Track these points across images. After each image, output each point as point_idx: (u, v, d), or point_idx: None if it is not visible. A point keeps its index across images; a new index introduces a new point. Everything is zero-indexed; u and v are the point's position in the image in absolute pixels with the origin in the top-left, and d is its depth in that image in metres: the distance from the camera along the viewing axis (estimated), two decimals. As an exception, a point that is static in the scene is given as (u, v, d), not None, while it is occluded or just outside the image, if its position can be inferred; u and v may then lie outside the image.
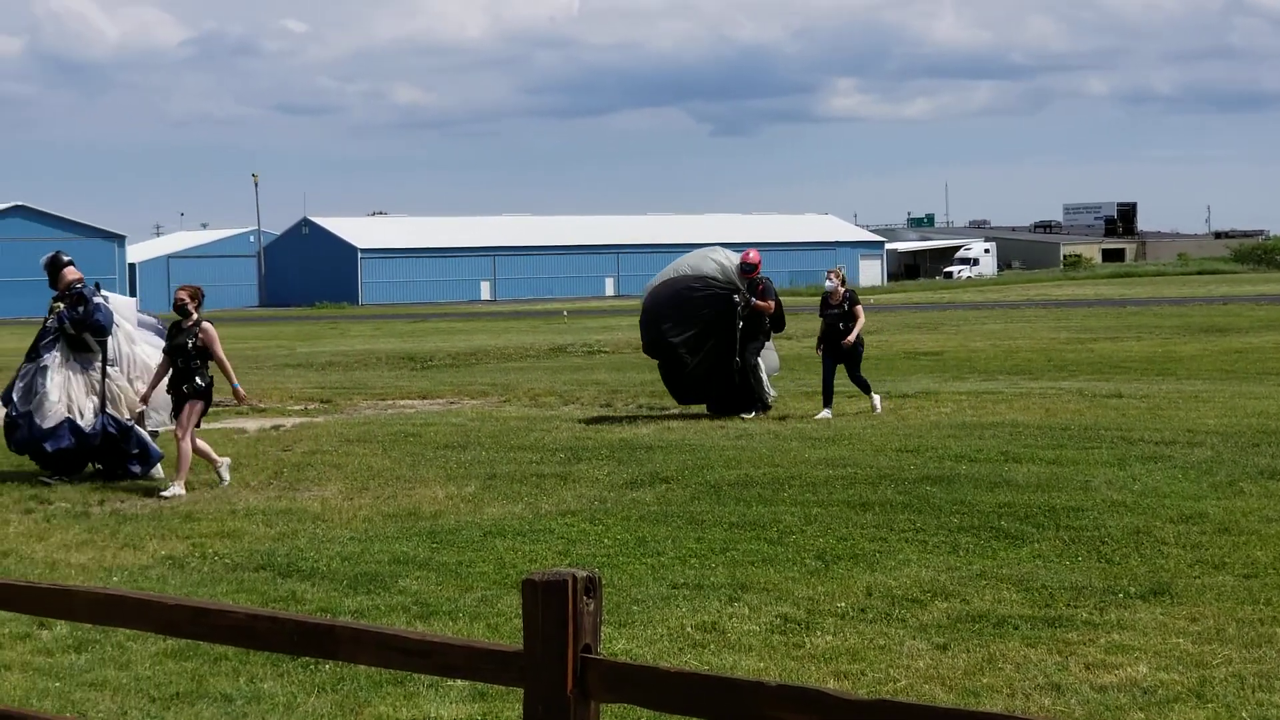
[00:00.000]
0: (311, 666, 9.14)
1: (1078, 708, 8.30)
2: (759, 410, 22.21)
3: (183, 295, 16.74)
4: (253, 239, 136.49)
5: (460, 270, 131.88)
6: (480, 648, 4.70)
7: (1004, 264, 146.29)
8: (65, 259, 17.73)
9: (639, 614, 10.45)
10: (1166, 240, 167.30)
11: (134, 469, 17.31)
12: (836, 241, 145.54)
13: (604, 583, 4.54)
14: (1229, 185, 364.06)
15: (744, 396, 22.35)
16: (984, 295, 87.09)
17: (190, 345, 16.45)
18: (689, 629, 10.07)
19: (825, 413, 21.84)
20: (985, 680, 8.81)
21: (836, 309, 22.49)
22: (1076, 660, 9.15)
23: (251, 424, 22.83)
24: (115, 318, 17.51)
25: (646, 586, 11.26)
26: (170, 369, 16.70)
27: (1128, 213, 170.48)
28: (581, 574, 4.41)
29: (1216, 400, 22.97)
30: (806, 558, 12.10)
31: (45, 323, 17.61)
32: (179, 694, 8.86)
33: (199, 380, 16.48)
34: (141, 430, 17.38)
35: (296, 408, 25.80)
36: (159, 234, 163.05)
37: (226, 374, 16.63)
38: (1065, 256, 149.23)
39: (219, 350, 16.56)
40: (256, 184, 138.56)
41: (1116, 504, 13.77)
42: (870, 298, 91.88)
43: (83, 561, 12.86)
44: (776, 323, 22.92)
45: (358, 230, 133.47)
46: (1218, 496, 14.21)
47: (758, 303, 22.32)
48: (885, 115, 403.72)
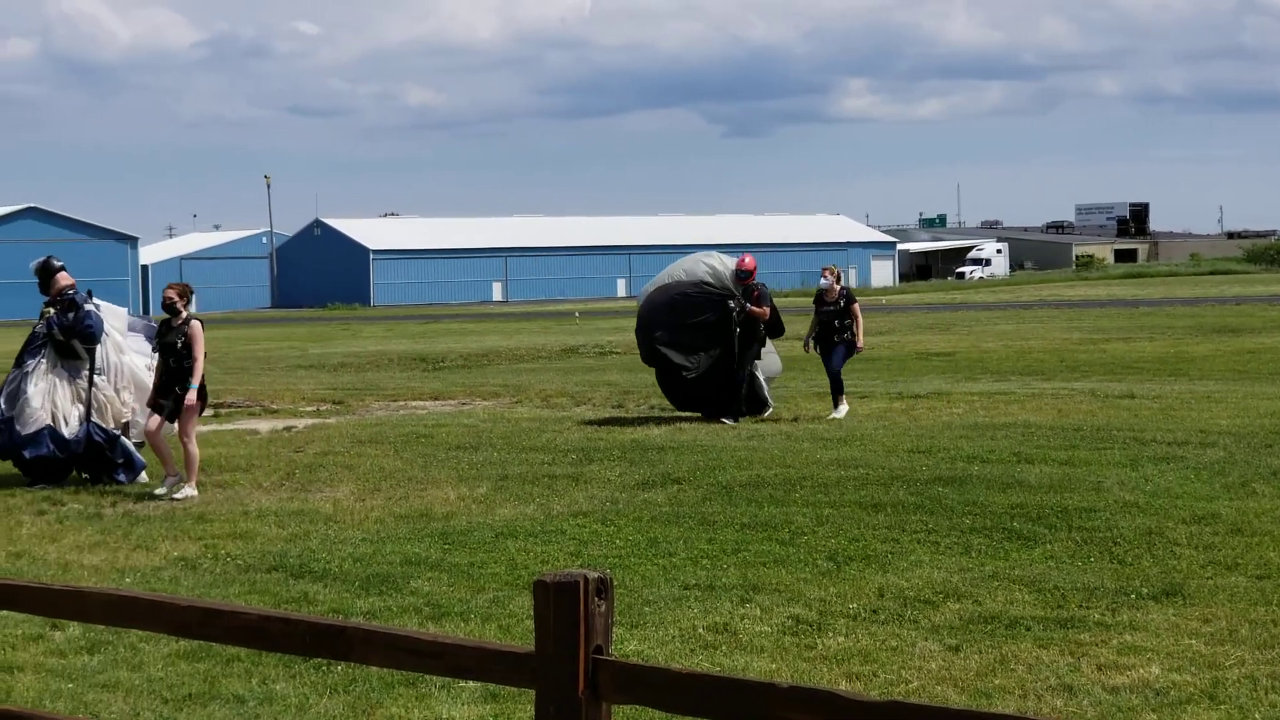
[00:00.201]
0: (324, 668, 9.15)
1: (1090, 709, 8.29)
2: (745, 416, 21.83)
3: (171, 294, 16.57)
4: (265, 240, 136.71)
5: (472, 271, 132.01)
6: (492, 649, 4.71)
7: (1016, 264, 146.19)
8: (57, 264, 17.47)
9: (651, 615, 10.45)
10: (1179, 240, 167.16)
11: (119, 478, 17.10)
12: (848, 242, 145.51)
13: (616, 584, 4.54)
14: (1241, 185, 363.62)
15: (733, 402, 21.97)
16: (996, 296, 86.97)
17: (179, 344, 16.31)
18: (701, 630, 10.07)
19: (838, 412, 21.82)
20: (997, 681, 8.80)
21: (831, 306, 22.33)
22: (1089, 661, 9.14)
23: (264, 425, 22.86)
24: (105, 326, 17.32)
25: (658, 587, 11.26)
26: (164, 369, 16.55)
27: (1140, 213, 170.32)
28: (593, 575, 4.41)
29: (1229, 401, 22.93)
30: (818, 559, 12.09)
31: (34, 328, 17.40)
32: (191, 695, 8.87)
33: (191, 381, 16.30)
34: (127, 440, 17.27)
35: (309, 409, 25.82)
36: (171, 235, 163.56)
37: (193, 371, 16.25)
38: (1077, 257, 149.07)
39: (198, 349, 16.34)
40: (269, 185, 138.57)
41: (1129, 505, 13.75)
42: (882, 298, 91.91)
43: (95, 563, 12.88)
44: (773, 329, 22.51)
45: (370, 231, 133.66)
46: (1230, 497, 14.18)
47: (752, 308, 21.98)
48: (896, 116, 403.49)
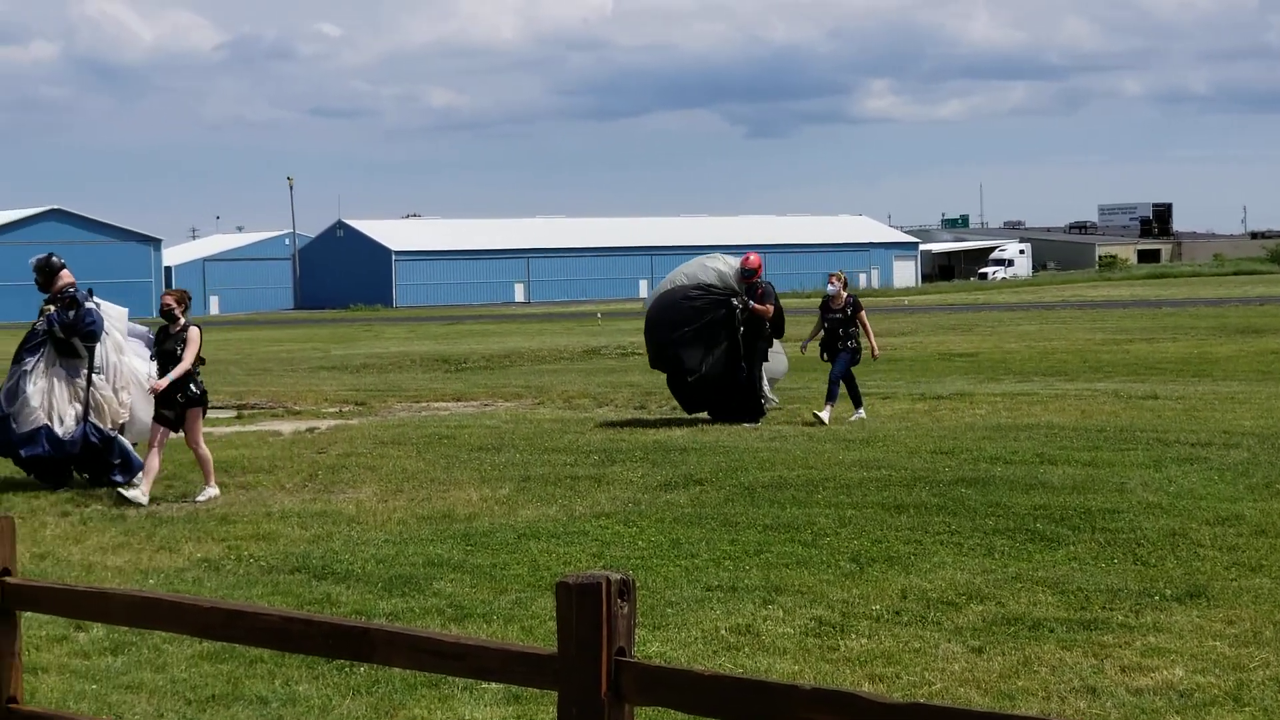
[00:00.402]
0: (346, 669, 9.16)
1: (1113, 711, 8.27)
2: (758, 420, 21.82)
3: (169, 300, 16.32)
4: (288, 242, 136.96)
5: (494, 272, 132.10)
6: (514, 650, 4.71)
7: (1039, 265, 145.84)
8: (58, 262, 17.25)
9: (673, 616, 10.45)
10: (1202, 241, 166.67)
11: (116, 479, 16.86)
12: (870, 243, 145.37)
13: (638, 585, 4.54)
14: (1265, 185, 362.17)
15: (749, 405, 21.91)
16: (1019, 296, 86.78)
17: (178, 350, 16.08)
18: (723, 631, 10.06)
19: (859, 413, 21.81)
20: (1020, 683, 8.78)
21: (838, 313, 22.03)
22: (1112, 663, 9.12)
23: (286, 426, 22.91)
24: (106, 325, 17.13)
25: (680, 589, 11.25)
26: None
27: (1163, 213, 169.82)
28: (616, 577, 4.41)
29: (1253, 402, 22.87)
30: (841, 560, 12.08)
31: (34, 325, 17.19)
32: (214, 696, 8.89)
33: (193, 388, 16.09)
34: (124, 441, 17.10)
35: (331, 410, 25.87)
36: (195, 237, 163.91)
37: (178, 368, 15.97)
38: (1100, 257, 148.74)
39: (190, 353, 16.04)
40: (291, 187, 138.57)
41: (1152, 506, 13.72)
42: (904, 299, 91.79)
43: (119, 564, 12.90)
44: (776, 328, 22.35)
45: (392, 232, 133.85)
46: (1254, 498, 14.14)
47: (756, 306, 21.84)
48: (919, 116, 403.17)
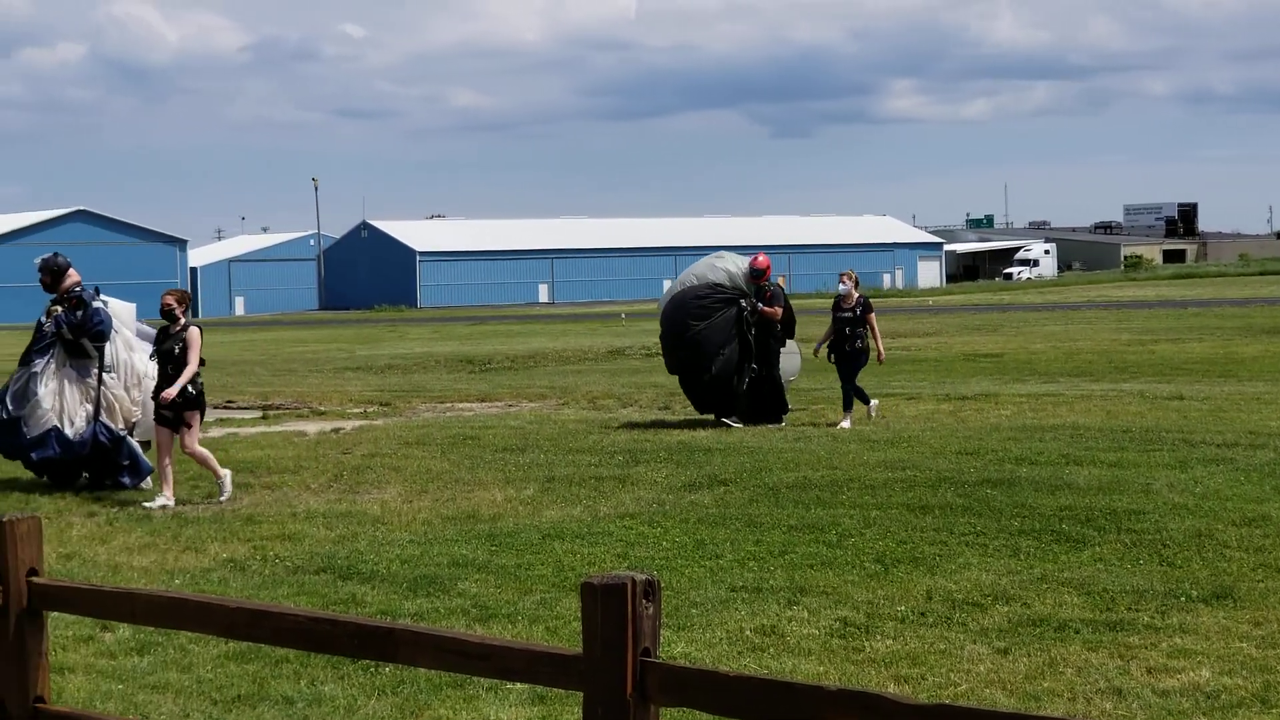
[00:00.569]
0: (372, 669, 9.18)
1: (1140, 712, 8.25)
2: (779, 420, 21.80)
3: (170, 300, 16.15)
4: (312, 242, 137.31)
5: (518, 273, 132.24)
6: (539, 651, 4.71)
7: (1064, 265, 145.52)
8: (65, 261, 17.05)
9: (698, 617, 10.44)
10: (1228, 241, 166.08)
11: (124, 480, 16.79)
12: (895, 243, 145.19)
13: (663, 586, 4.54)
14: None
15: (771, 405, 21.85)
16: (1044, 297, 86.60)
17: (178, 350, 15.96)
18: (748, 632, 10.06)
19: (872, 405, 21.77)
20: (1046, 684, 8.77)
21: (849, 313, 21.94)
22: (1138, 664, 9.09)
23: (311, 427, 22.95)
24: (114, 323, 16.99)
25: (705, 589, 11.25)
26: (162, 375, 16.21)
27: (1188, 213, 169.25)
28: (640, 577, 4.41)
29: (1279, 402, 22.79)
30: (866, 561, 12.06)
31: (41, 326, 16.97)
32: (240, 696, 8.91)
33: (190, 389, 15.96)
34: (133, 441, 16.92)
35: (356, 410, 25.93)
36: (220, 238, 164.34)
37: (183, 373, 15.87)
38: (1126, 257, 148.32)
39: (192, 354, 15.94)
40: (316, 188, 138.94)
41: (1178, 507, 13.67)
42: (929, 299, 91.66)
43: (145, 564, 12.93)
44: (786, 329, 22.24)
45: (416, 233, 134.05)
46: (1281, 499, 14.09)
47: (764, 309, 21.77)
48: (943, 116, 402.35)
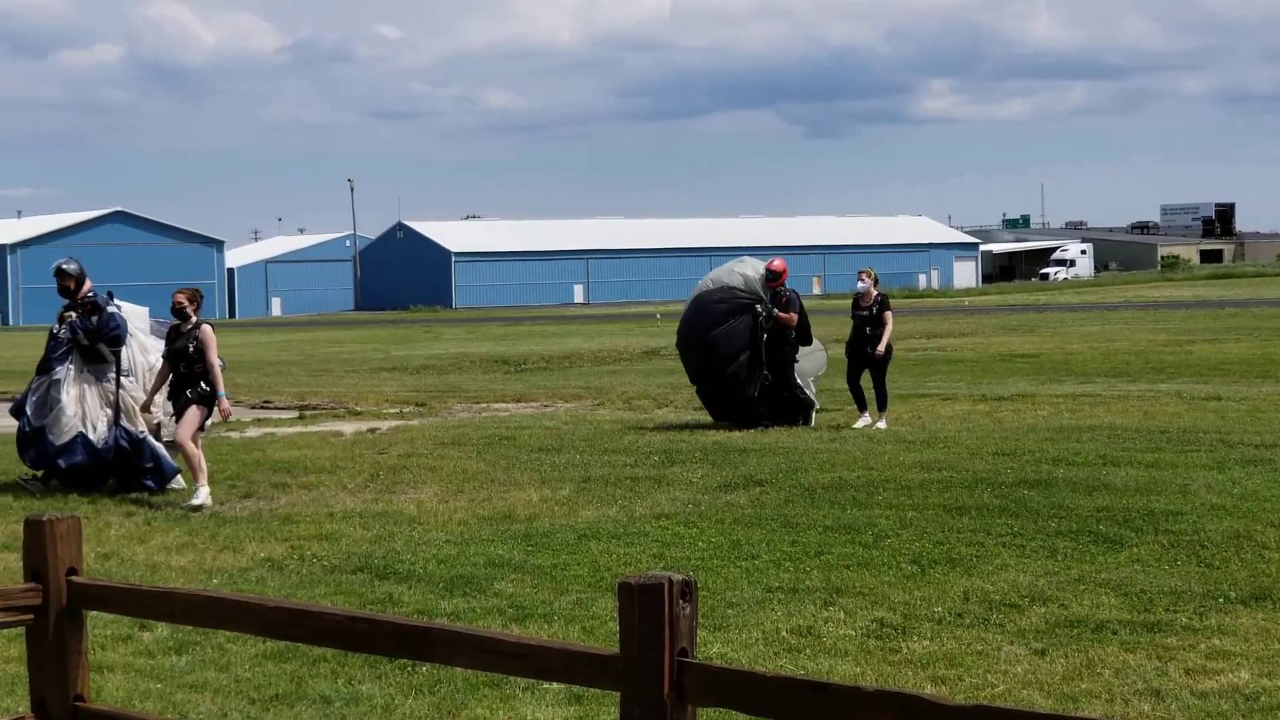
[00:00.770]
0: (409, 669, 9.20)
1: (1178, 714, 8.21)
2: (809, 419, 21.71)
3: (180, 298, 16.18)
4: (348, 243, 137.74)
5: (553, 273, 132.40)
6: (576, 651, 4.72)
7: (1101, 265, 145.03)
8: (81, 267, 16.98)
9: (734, 617, 10.44)
10: (1265, 241, 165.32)
11: (148, 483, 16.65)
12: (930, 243, 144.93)
13: (699, 586, 4.54)
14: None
15: (792, 409, 21.70)
16: (1080, 297, 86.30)
17: (190, 349, 15.96)
18: (784, 633, 10.05)
19: (864, 419, 21.49)
20: (1084, 686, 8.74)
21: (866, 311, 21.83)
22: (1176, 666, 9.05)
23: (348, 427, 23.02)
24: (129, 327, 16.96)
25: (741, 590, 11.24)
26: (170, 374, 16.23)
27: (1226, 213, 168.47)
28: (677, 577, 4.41)
29: (1319, 403, 22.66)
30: (902, 562, 12.04)
31: (55, 333, 16.89)
32: (278, 696, 8.94)
33: (203, 385, 15.97)
34: (155, 443, 16.76)
35: (392, 410, 25.99)
36: (257, 239, 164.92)
37: (214, 382, 15.99)
38: (1163, 258, 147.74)
39: (212, 355, 15.98)
40: (352, 189, 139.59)
41: (1216, 508, 13.61)
42: (965, 299, 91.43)
43: (183, 564, 12.99)
44: (801, 335, 21.95)
45: (451, 234, 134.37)
46: (1320, 500, 14.00)
47: (780, 315, 21.59)
48: (979, 116, 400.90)
